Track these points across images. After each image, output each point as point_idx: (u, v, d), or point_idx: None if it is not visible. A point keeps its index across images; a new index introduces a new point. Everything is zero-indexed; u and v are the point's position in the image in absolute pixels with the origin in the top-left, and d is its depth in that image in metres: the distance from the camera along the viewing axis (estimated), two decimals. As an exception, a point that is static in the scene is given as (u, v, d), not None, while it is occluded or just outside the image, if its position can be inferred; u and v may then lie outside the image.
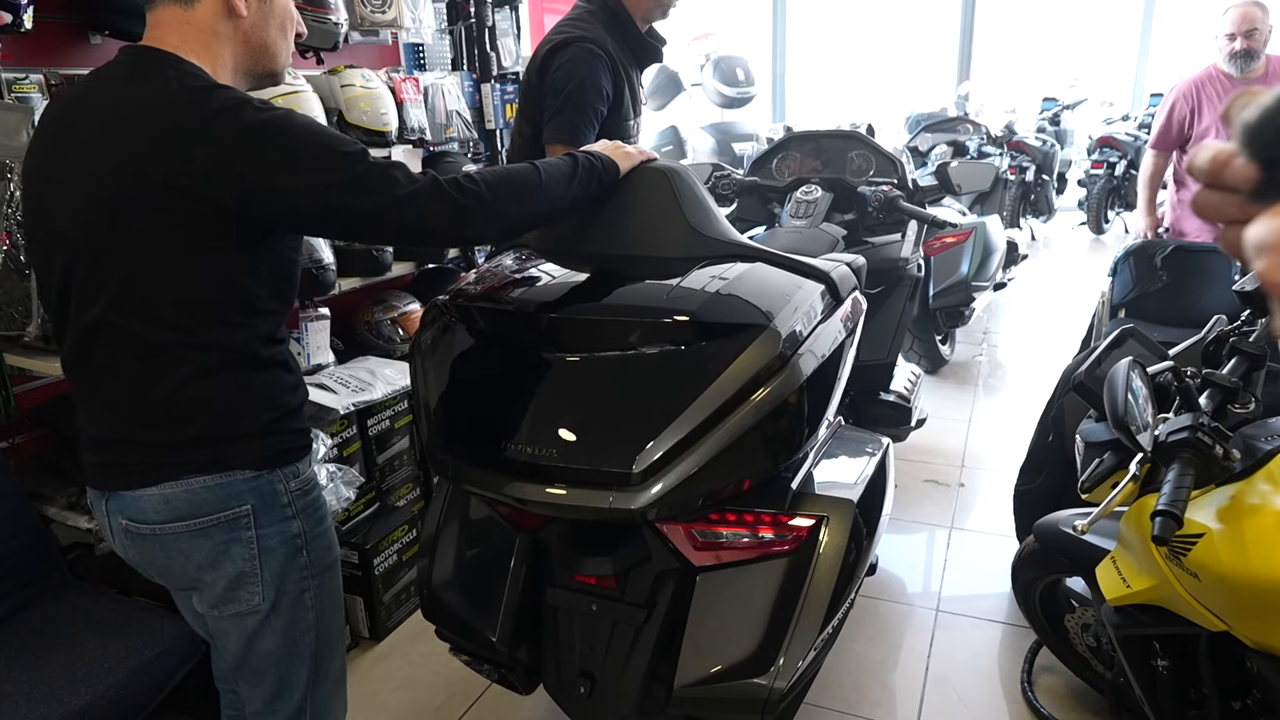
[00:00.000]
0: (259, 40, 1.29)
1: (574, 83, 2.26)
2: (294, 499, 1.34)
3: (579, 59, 2.26)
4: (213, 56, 1.25)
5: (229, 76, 1.28)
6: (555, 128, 2.29)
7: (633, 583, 1.54)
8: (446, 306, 1.52)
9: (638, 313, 1.37)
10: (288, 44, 1.35)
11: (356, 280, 2.68)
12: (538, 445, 1.34)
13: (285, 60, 1.35)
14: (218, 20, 1.25)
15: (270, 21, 1.30)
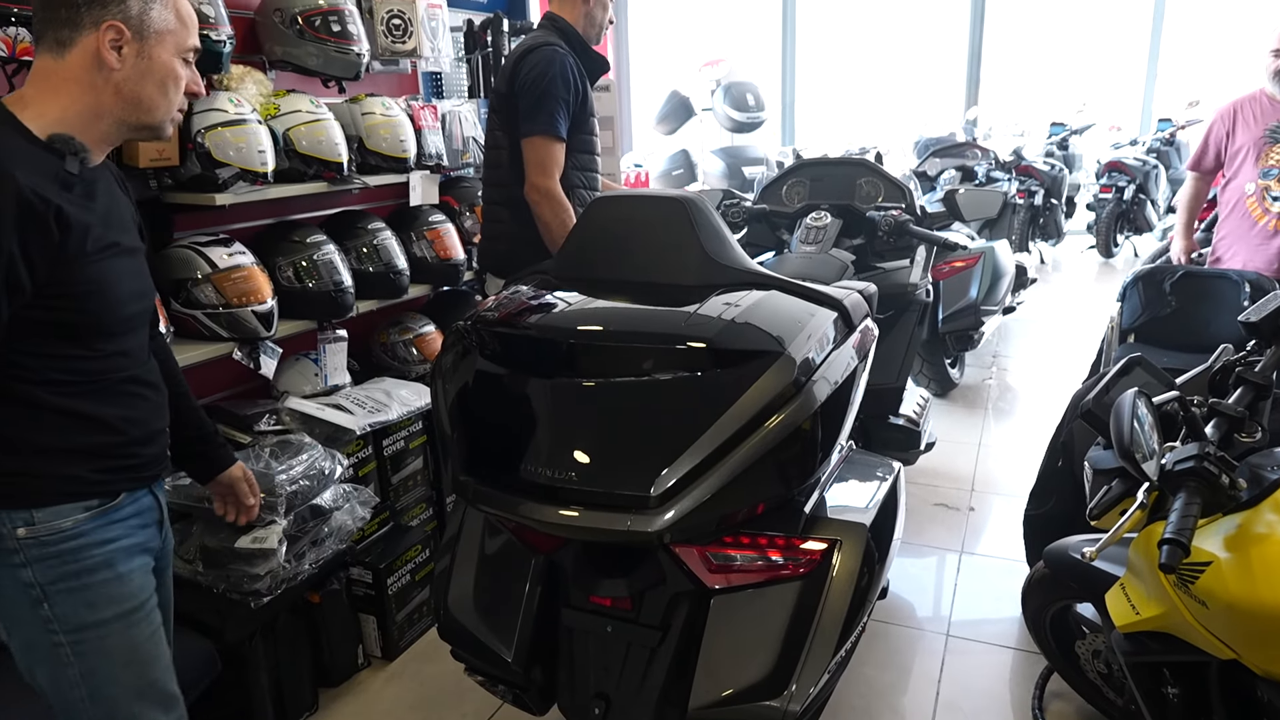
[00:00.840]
0: (132, 94, 1.30)
1: (546, 79, 2.39)
2: (24, 545, 1.27)
3: (547, 58, 2.41)
4: (80, 107, 1.28)
5: (103, 127, 1.30)
6: (532, 121, 2.41)
7: (648, 604, 1.56)
8: (467, 331, 1.56)
9: (655, 339, 1.41)
10: (168, 101, 1.35)
11: (374, 303, 2.73)
12: (556, 468, 1.37)
13: (164, 115, 1.36)
14: (87, 72, 1.27)
15: (147, 78, 1.31)
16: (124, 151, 2.13)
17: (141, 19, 1.29)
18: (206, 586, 2.02)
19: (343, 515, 2.23)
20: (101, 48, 1.26)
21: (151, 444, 1.43)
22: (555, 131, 2.40)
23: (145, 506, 1.43)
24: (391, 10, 2.82)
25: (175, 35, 1.33)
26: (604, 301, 1.53)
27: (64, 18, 1.26)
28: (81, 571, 1.32)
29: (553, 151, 2.43)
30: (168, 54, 1.33)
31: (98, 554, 1.33)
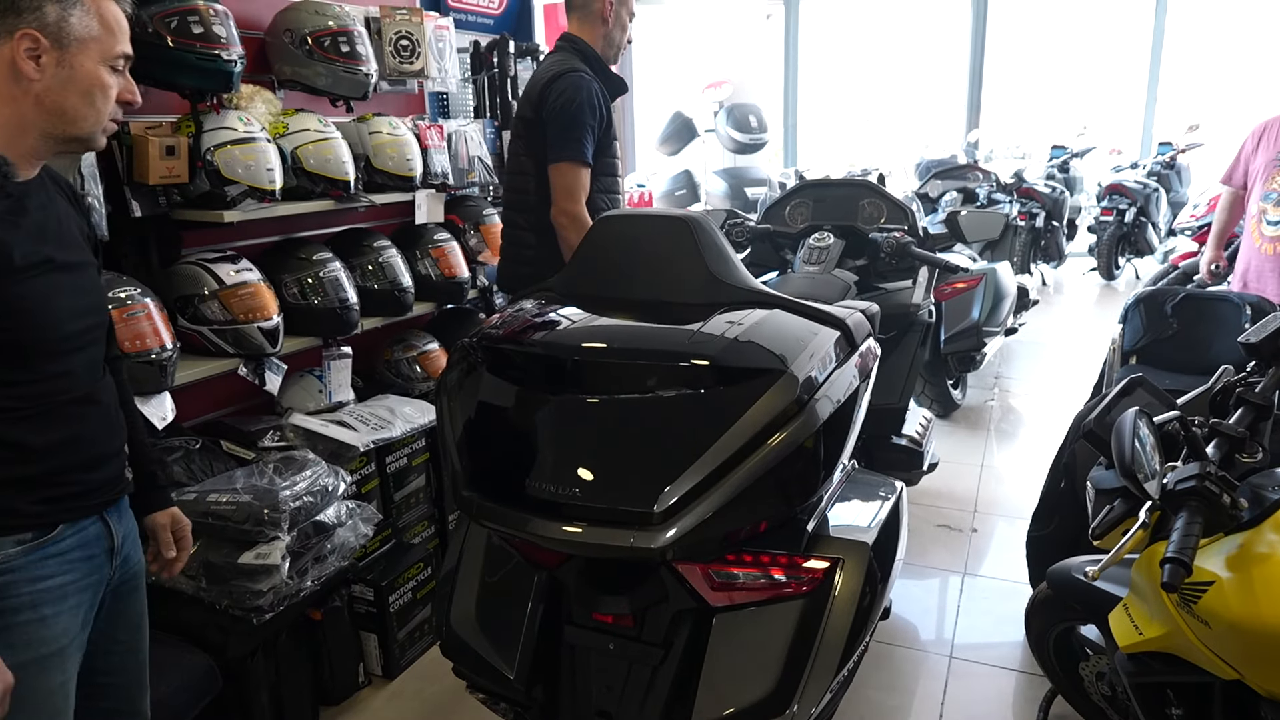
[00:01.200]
0: (54, 105, 1.26)
1: (574, 106, 2.45)
2: None
3: (575, 84, 2.47)
4: (1, 120, 1.24)
5: (29, 140, 1.27)
6: (561, 148, 2.46)
7: (650, 622, 1.56)
8: (472, 347, 1.57)
9: (659, 356, 1.42)
10: (96, 111, 1.29)
11: (379, 320, 2.74)
12: (560, 484, 1.37)
13: (92, 127, 1.31)
14: (5, 83, 1.23)
15: (70, 88, 1.26)
16: (134, 168, 2.15)
17: (60, 27, 1.24)
18: (209, 602, 2.01)
19: (345, 532, 2.23)
20: (17, 57, 1.22)
21: (99, 468, 1.35)
22: (583, 158, 2.46)
23: (90, 537, 1.34)
24: (400, 32, 2.86)
25: (100, 42, 1.27)
26: (609, 319, 1.54)
27: None
28: (4, 610, 1.24)
29: (580, 177, 2.48)
30: (91, 62, 1.27)
31: (25, 593, 1.25)
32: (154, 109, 2.33)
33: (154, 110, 2.33)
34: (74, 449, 1.31)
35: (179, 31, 2.10)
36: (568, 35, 2.65)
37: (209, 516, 2.00)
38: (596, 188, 2.57)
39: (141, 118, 2.29)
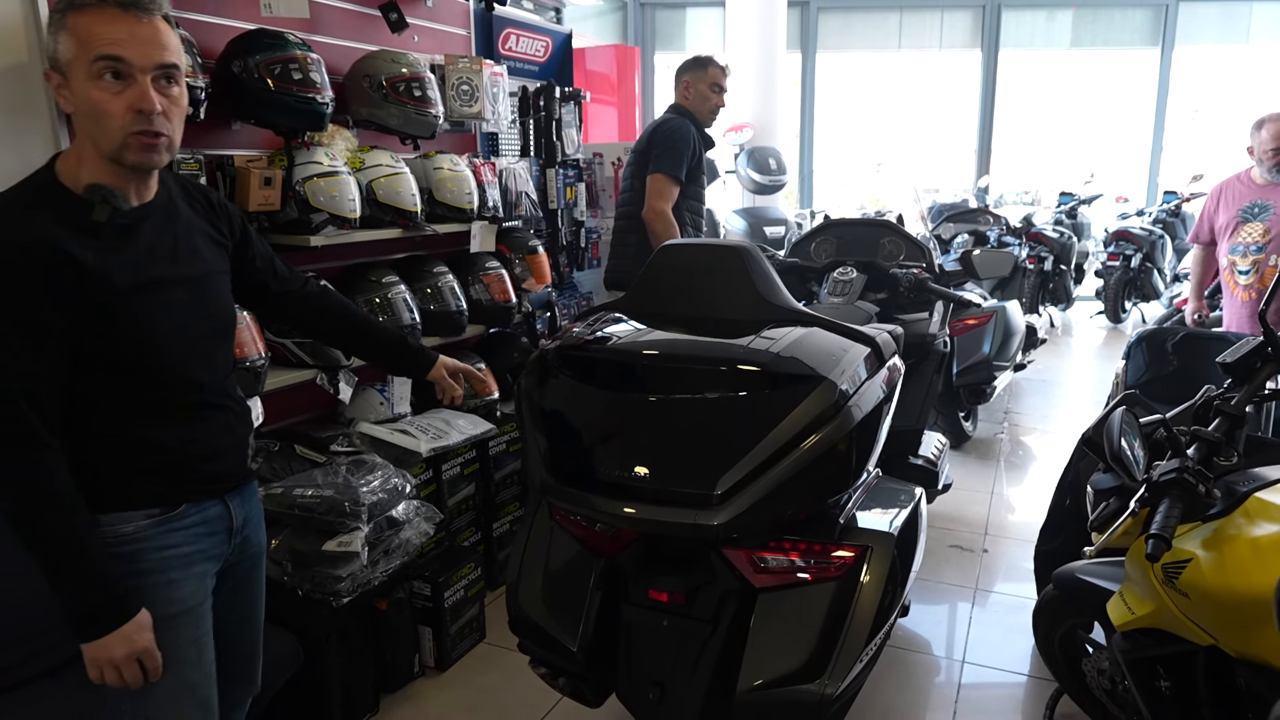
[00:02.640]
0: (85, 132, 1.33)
1: (674, 136, 3.40)
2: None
3: (677, 124, 3.46)
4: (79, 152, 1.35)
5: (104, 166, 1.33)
6: (660, 162, 3.37)
7: (700, 601, 1.77)
8: (549, 355, 1.80)
9: (716, 362, 1.65)
10: (102, 129, 1.30)
11: (437, 339, 2.98)
12: (630, 471, 1.60)
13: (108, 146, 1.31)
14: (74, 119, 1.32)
15: (81, 113, 1.31)
16: (235, 195, 2.41)
17: (57, 58, 1.29)
18: (291, 588, 2.23)
19: (410, 529, 2.45)
20: (55, 95, 1.31)
21: (217, 460, 1.51)
22: (675, 173, 3.33)
23: (212, 516, 1.50)
24: (461, 78, 3.14)
25: (79, 59, 1.27)
26: (671, 332, 1.78)
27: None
28: (137, 573, 1.40)
29: (670, 186, 3.33)
30: (79, 82, 1.28)
31: (154, 559, 1.42)
32: (250, 144, 2.61)
33: (250, 145, 2.60)
34: (191, 445, 1.47)
35: (281, 77, 2.37)
36: (673, 104, 3.61)
37: (295, 508, 2.23)
38: (684, 206, 3.40)
39: (240, 152, 2.56)
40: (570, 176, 3.92)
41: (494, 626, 2.86)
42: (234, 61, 2.35)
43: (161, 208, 1.45)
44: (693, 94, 3.53)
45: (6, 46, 2.04)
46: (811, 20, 8.81)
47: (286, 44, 2.40)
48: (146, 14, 1.31)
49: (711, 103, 3.56)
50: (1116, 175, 9.02)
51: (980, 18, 8.78)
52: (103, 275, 1.32)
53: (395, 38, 3.02)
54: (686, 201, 3.42)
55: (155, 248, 1.41)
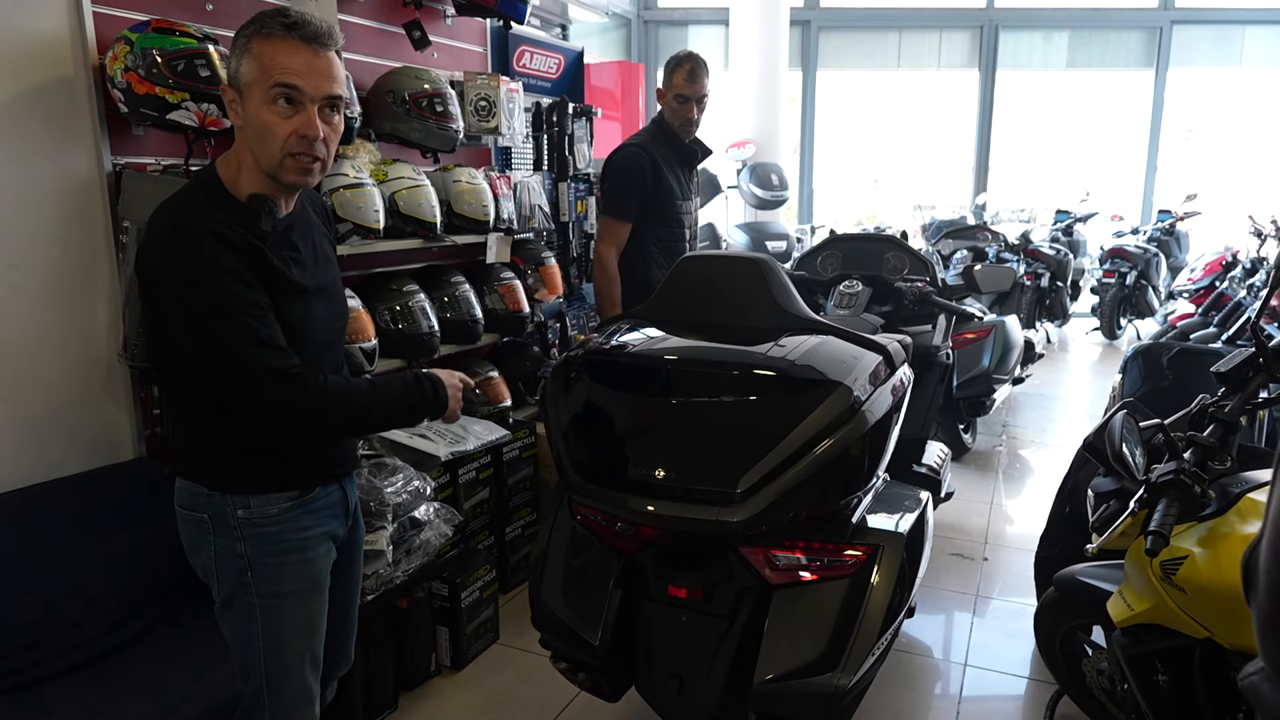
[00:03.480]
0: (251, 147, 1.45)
1: (616, 174, 3.18)
2: (241, 524, 1.54)
3: (624, 156, 3.20)
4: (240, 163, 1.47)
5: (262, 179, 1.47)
6: (603, 201, 3.24)
7: (717, 598, 1.84)
8: (574, 360, 1.89)
9: (736, 368, 1.73)
10: (267, 148, 1.42)
11: (453, 346, 3.06)
12: (653, 469, 1.68)
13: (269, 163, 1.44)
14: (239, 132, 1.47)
15: (250, 130, 1.43)
16: (266, 207, 2.49)
17: (237, 76, 1.42)
18: (316, 584, 2.29)
19: (430, 530, 2.52)
20: (228, 109, 1.45)
21: (340, 445, 1.67)
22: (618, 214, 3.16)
23: (335, 499, 1.67)
24: (480, 94, 3.24)
25: (258, 83, 1.40)
26: (693, 338, 1.86)
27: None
28: (279, 551, 1.58)
29: (613, 228, 3.18)
30: (255, 104, 1.41)
31: (294, 538, 1.59)
32: (279, 156, 2.69)
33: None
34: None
35: (312, 92, 2.45)
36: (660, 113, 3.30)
37: (322, 508, 2.29)
38: (649, 236, 3.21)
39: (269, 163, 2.64)
40: (581, 190, 4.01)
41: (507, 628, 2.93)
42: (267, 77, 2.44)
43: (301, 217, 1.60)
44: (664, 106, 3.22)
45: (54, 60, 2.13)
46: (812, 39, 8.95)
47: (317, 60, 2.49)
48: (324, 48, 1.43)
49: (679, 115, 3.19)
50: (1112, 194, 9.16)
51: (978, 38, 8.94)
52: (281, 275, 1.47)
53: (417, 55, 3.12)
54: (654, 231, 3.18)
55: (302, 254, 1.55)
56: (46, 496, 2.17)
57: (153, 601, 2.25)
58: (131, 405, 2.38)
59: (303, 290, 1.52)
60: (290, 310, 1.49)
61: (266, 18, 1.42)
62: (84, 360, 2.27)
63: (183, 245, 1.39)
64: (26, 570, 2.06)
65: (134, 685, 1.99)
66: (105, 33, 2.19)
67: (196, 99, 2.13)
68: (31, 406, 2.18)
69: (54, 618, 2.05)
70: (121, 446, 2.38)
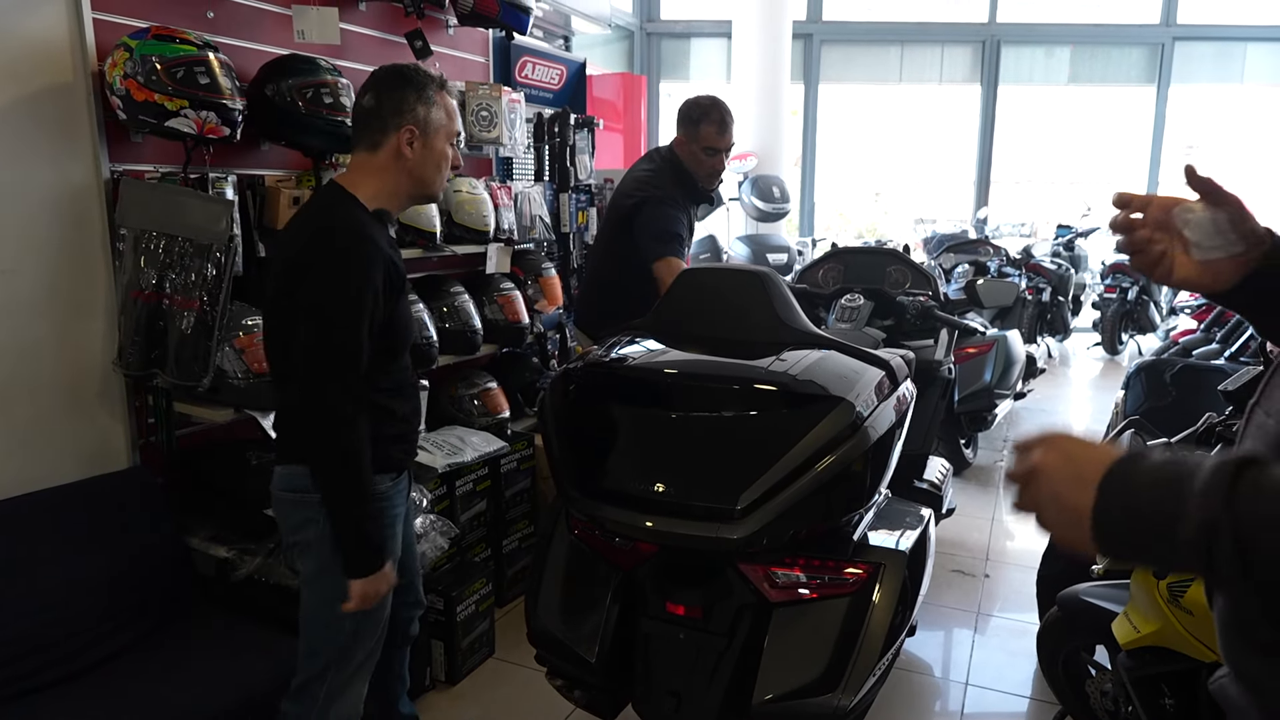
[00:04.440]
0: (419, 175, 1.81)
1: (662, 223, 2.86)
2: None
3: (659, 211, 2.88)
4: (387, 187, 1.79)
5: (399, 199, 1.84)
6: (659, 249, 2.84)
7: (716, 615, 1.81)
8: (573, 372, 1.86)
9: (737, 382, 1.71)
10: (440, 176, 1.85)
11: (452, 357, 3.04)
12: (653, 485, 1.65)
13: (438, 187, 1.86)
14: (392, 161, 1.78)
15: (428, 162, 1.81)
16: (264, 214, 2.48)
17: (426, 120, 1.78)
18: (310, 597, 2.26)
19: (426, 543, 2.49)
20: (401, 144, 1.76)
21: (416, 432, 1.95)
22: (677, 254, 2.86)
23: (404, 482, 1.94)
24: (481, 104, 3.23)
25: (446, 127, 1.81)
26: (694, 352, 1.84)
27: (377, 126, 1.77)
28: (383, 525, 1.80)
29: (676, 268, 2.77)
30: (441, 142, 1.81)
31: (390, 515, 1.84)
32: (279, 164, 2.68)
33: (279, 165, 2.68)
34: (415, 415, 1.93)
35: (312, 101, 2.45)
36: (671, 147, 3.03)
37: (316, 519, 2.27)
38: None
39: (269, 172, 2.63)
40: (582, 201, 4.00)
41: (503, 642, 2.89)
42: (267, 85, 2.43)
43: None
44: (685, 154, 2.97)
45: (54, 66, 2.12)
46: (814, 52, 8.97)
47: (318, 69, 2.48)
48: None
49: (706, 167, 2.97)
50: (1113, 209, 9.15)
51: (980, 53, 8.96)
52: (400, 276, 1.78)
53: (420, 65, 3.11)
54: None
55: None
56: (39, 505, 2.15)
57: (146, 612, 2.23)
58: (126, 414, 2.35)
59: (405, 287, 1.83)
60: (401, 306, 1.80)
61: (438, 76, 1.83)
62: (78, 368, 2.25)
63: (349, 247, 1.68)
64: (17, 580, 2.04)
65: (125, 698, 1.97)
66: (105, 39, 2.18)
67: (196, 106, 2.12)
68: (24, 414, 2.16)
69: (44, 628, 2.03)
70: (116, 456, 2.35)
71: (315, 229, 1.72)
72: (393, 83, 1.77)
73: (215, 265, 2.19)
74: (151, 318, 2.20)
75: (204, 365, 2.20)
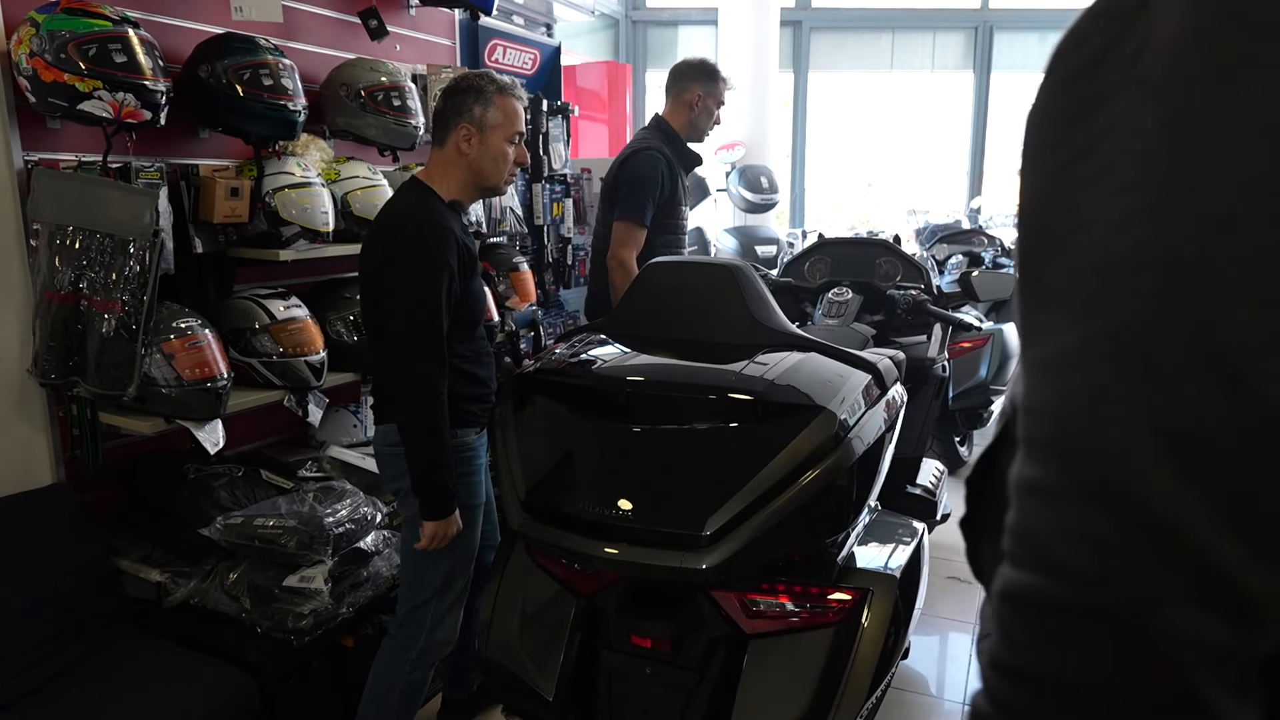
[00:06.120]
0: (478, 169, 2.04)
1: (639, 177, 2.96)
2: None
3: (644, 160, 2.99)
4: (448, 177, 2.05)
5: (468, 190, 2.08)
6: (624, 206, 2.97)
7: (686, 648, 1.63)
8: (527, 380, 1.67)
9: (706, 390, 1.52)
10: (499, 171, 2.07)
11: (414, 359, 2.85)
12: (611, 507, 1.47)
13: (498, 180, 2.09)
14: (456, 155, 2.03)
15: (484, 155, 2.04)
16: (200, 207, 2.28)
17: (481, 119, 2.01)
18: (250, 624, 2.08)
19: (381, 561, 2.30)
20: (460, 141, 2.01)
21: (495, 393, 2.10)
22: (639, 219, 2.95)
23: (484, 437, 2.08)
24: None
25: (503, 127, 2.03)
26: (658, 356, 1.65)
27: (441, 125, 2.04)
28: (470, 472, 2.04)
29: (633, 233, 2.96)
30: (498, 140, 2.03)
31: (476, 464, 2.07)
32: (220, 153, 2.48)
33: (220, 154, 2.48)
34: (492, 379, 2.12)
35: (250, 83, 2.25)
36: (658, 116, 3.18)
37: (255, 540, 2.08)
38: (657, 241, 3.03)
39: (207, 161, 2.44)
40: (558, 192, 3.81)
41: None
42: (201, 66, 2.24)
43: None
44: (700, 109, 3.14)
45: (-48, 44, 1.91)
46: (804, 40, 8.77)
47: (257, 49, 2.28)
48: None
49: (714, 118, 3.23)
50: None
51: (973, 39, 8.76)
52: (472, 258, 2.05)
53: (375, 46, 2.91)
54: (661, 236, 3.09)
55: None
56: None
57: (70, 642, 2.04)
58: (48, 426, 2.16)
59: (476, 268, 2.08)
60: (473, 284, 2.06)
61: (506, 83, 2.07)
62: (-8, 377, 2.06)
63: (430, 236, 1.93)
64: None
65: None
66: (13, 14, 1.98)
67: (111, 88, 1.92)
68: (-70, 429, 1.96)
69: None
70: (38, 471, 2.16)
71: (401, 222, 1.96)
72: (458, 86, 2.06)
73: (139, 262, 1.99)
74: (69, 321, 2.01)
75: (128, 373, 2.01)
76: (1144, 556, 0.41)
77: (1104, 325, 0.43)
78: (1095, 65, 0.49)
